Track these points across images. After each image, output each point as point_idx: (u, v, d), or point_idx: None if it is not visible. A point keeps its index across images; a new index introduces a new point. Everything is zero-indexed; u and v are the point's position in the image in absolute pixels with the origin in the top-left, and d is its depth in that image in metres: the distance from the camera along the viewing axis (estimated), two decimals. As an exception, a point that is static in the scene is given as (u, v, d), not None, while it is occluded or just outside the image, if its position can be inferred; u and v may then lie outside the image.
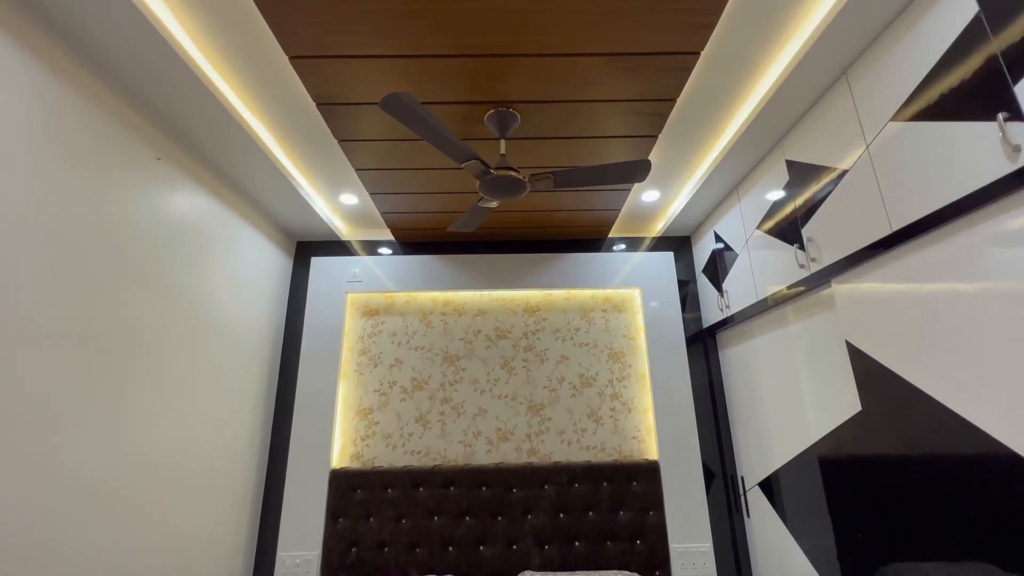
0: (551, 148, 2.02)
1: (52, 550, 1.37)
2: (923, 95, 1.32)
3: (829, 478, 1.85)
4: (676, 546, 2.35)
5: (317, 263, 2.79)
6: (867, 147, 1.52)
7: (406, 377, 2.67)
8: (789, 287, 1.95)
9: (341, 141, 1.96)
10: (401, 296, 2.82)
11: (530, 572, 2.23)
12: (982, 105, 1.16)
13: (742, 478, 2.50)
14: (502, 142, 1.79)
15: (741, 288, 2.35)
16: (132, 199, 1.67)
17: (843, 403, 1.72)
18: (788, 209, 1.95)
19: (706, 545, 2.37)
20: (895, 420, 1.50)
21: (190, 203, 1.98)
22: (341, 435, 2.58)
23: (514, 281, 2.78)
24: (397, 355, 2.71)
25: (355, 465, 2.53)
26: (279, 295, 2.74)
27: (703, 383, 2.73)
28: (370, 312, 2.79)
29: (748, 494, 2.44)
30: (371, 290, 2.75)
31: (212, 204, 2.12)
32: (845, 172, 1.62)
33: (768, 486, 2.27)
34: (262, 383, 2.53)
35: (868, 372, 1.59)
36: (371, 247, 2.97)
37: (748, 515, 2.45)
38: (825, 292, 1.82)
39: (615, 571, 2.20)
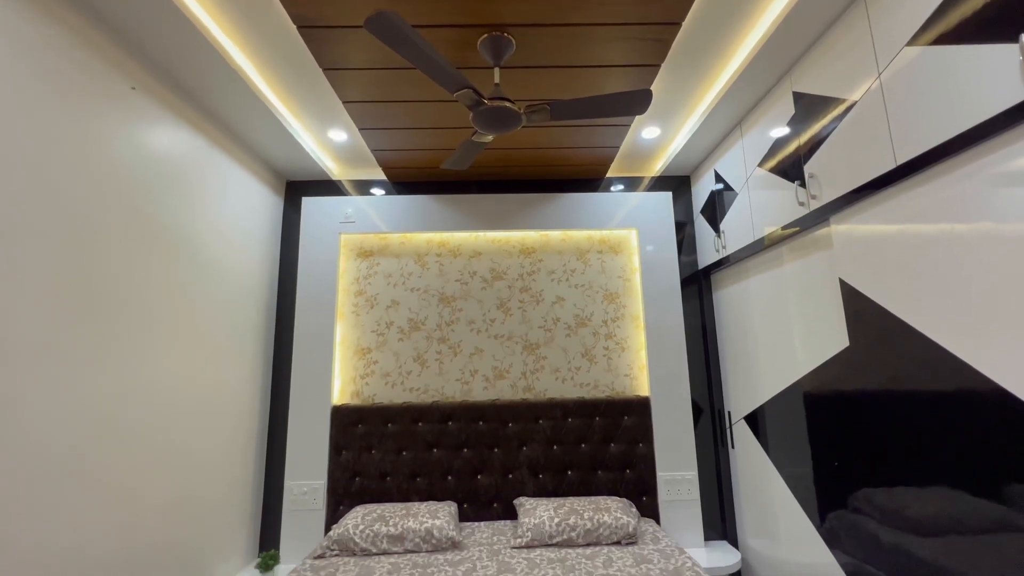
0: (548, 78, 1.92)
1: (68, 479, 1.43)
2: (944, 16, 1.24)
3: (811, 411, 1.92)
4: (663, 474, 2.49)
5: (309, 204, 2.73)
6: (879, 75, 1.45)
7: (403, 318, 2.70)
8: (787, 226, 1.93)
9: (326, 70, 1.86)
10: (395, 237, 2.79)
11: (525, 498, 2.37)
12: (1005, 25, 1.10)
13: (729, 412, 2.60)
14: (496, 71, 1.70)
15: (738, 228, 2.33)
16: (112, 134, 1.60)
17: (831, 340, 1.76)
18: (792, 146, 1.89)
19: (691, 473, 2.50)
20: (881, 355, 1.53)
21: (172, 138, 1.90)
22: (341, 374, 2.64)
23: (510, 222, 2.74)
24: (393, 296, 2.72)
25: (355, 402, 2.61)
26: (271, 235, 2.70)
27: (696, 323, 2.77)
28: (364, 253, 2.77)
29: (734, 427, 2.55)
30: (365, 231, 2.71)
31: (195, 140, 2.04)
32: (853, 104, 1.56)
33: (753, 419, 2.37)
34: (259, 323, 2.55)
35: (859, 310, 1.61)
36: (363, 187, 2.90)
37: (733, 446, 2.57)
38: (822, 231, 1.80)
39: (605, 496, 2.33)
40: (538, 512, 2.14)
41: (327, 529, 2.38)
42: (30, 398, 1.33)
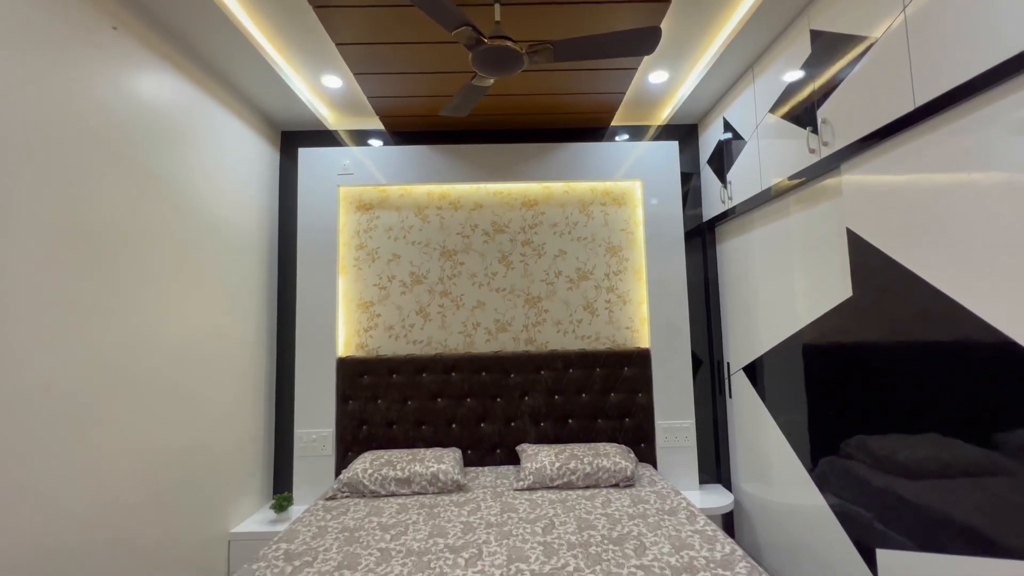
0: (551, 16, 1.81)
1: (80, 426, 1.48)
2: (979, -61, 1.15)
3: (810, 361, 1.94)
4: (661, 423, 2.56)
5: (305, 155, 2.67)
6: (904, 9, 1.36)
7: (405, 272, 2.69)
8: (795, 175, 1.88)
9: (316, 7, 1.75)
10: (395, 190, 2.74)
11: (527, 444, 2.45)
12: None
13: (728, 363, 2.64)
14: (497, 7, 1.60)
15: (745, 178, 2.27)
16: (96, 79, 1.54)
17: (834, 290, 1.75)
18: (805, 90, 1.81)
19: (689, 422, 2.57)
20: (884, 305, 1.53)
21: (159, 84, 1.82)
22: (345, 327, 2.67)
23: (511, 173, 2.68)
24: (394, 250, 2.70)
25: (360, 354, 2.65)
26: (268, 188, 2.66)
27: (698, 276, 2.76)
28: (364, 206, 2.73)
29: (732, 378, 2.60)
30: (363, 183, 2.66)
31: (183, 85, 1.96)
32: (874, 43, 1.48)
33: (752, 370, 2.40)
34: (261, 276, 2.55)
35: (865, 259, 1.59)
36: (361, 138, 2.81)
37: (730, 396, 2.62)
38: (831, 181, 1.76)
39: (604, 443, 2.41)
40: (539, 457, 2.22)
41: (337, 474, 2.48)
42: (34, 349, 1.34)
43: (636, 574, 1.38)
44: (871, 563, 1.61)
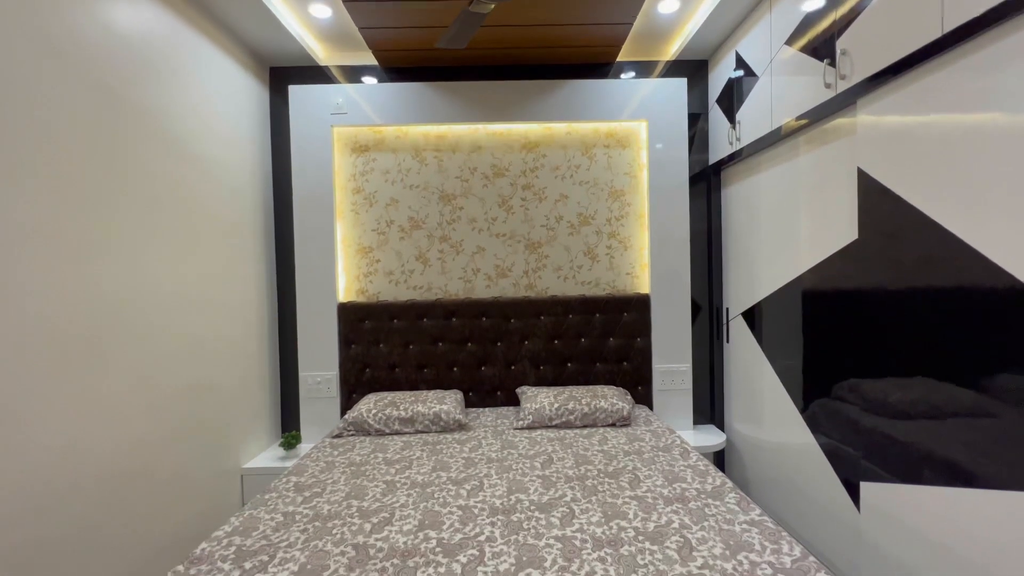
0: (555, -66, 1.66)
1: (83, 365, 1.50)
2: None
3: (809, 305, 1.95)
4: (658, 366, 2.61)
5: (296, 93, 2.55)
6: (941, -79, 1.24)
7: (403, 216, 2.65)
8: (808, 112, 1.80)
9: (299, -77, 1.61)
10: (391, 131, 2.64)
11: (527, 387, 2.50)
12: None
13: (727, 309, 2.66)
14: (496, -79, 1.47)
15: (756, 117, 2.18)
16: (70, 6, 1.43)
17: (838, 233, 1.73)
18: (826, 19, 1.69)
19: (686, 365, 2.62)
20: (889, 248, 1.51)
21: (135, 11, 1.71)
22: (345, 272, 2.66)
23: (512, 113, 2.57)
24: (392, 194, 2.64)
25: (361, 299, 2.66)
26: (259, 128, 2.56)
27: (701, 221, 2.72)
28: (359, 148, 2.64)
29: (731, 323, 2.62)
30: (358, 123, 2.56)
31: (161, 14, 1.84)
32: (905, -39, 1.36)
33: (751, 315, 2.42)
34: (258, 220, 2.51)
35: (874, 200, 1.55)
36: (353, 74, 2.68)
37: (728, 341, 2.66)
38: (844, 120, 1.68)
39: (602, 386, 2.46)
40: (539, 399, 2.28)
41: (342, 414, 2.56)
42: (33, 288, 1.34)
43: (630, 504, 1.44)
44: (855, 497, 1.69)
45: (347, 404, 2.57)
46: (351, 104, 2.55)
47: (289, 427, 2.68)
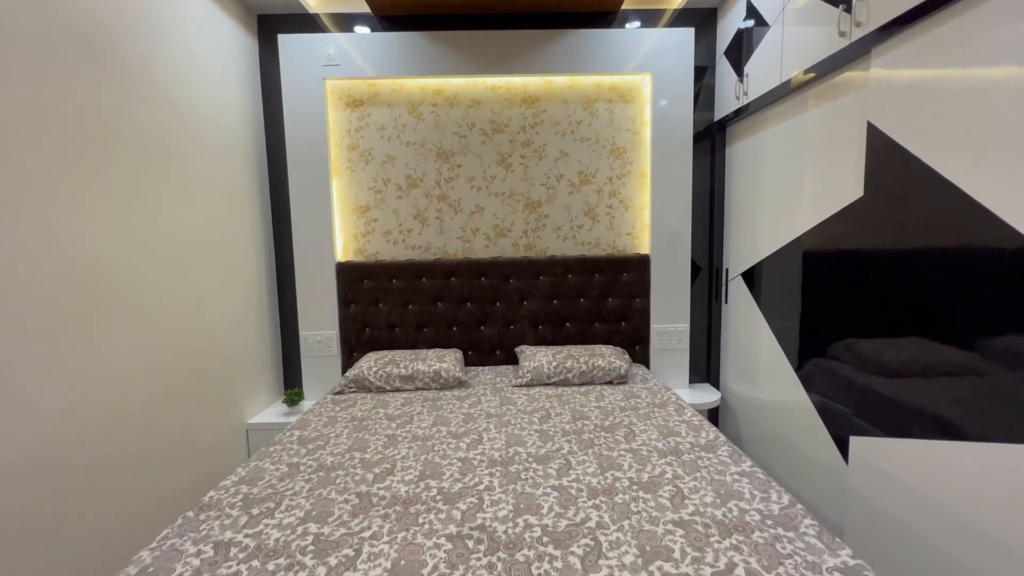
0: None
1: (83, 320, 1.50)
2: None
3: (809, 266, 1.94)
4: (656, 326, 2.62)
5: (286, 43, 2.44)
6: None
7: (400, 174, 2.59)
8: (821, 63, 1.73)
9: None
10: (386, 84, 2.55)
11: (525, 346, 2.53)
12: None
13: (726, 269, 2.65)
14: None
15: (765, 70, 2.10)
16: (33, -64, 1.35)
17: (843, 191, 1.69)
18: (844, -42, 1.60)
19: (684, 326, 2.63)
20: (893, 207, 1.48)
21: (111, -51, 1.61)
22: (342, 231, 2.63)
23: (511, 65, 2.47)
24: (388, 151, 2.58)
25: (359, 259, 2.64)
26: (250, 80, 2.47)
27: (704, 181, 2.67)
28: (354, 103, 2.56)
29: (730, 283, 2.62)
30: (351, 76, 2.47)
31: (140, -47, 1.73)
32: None
33: (750, 275, 2.41)
34: (251, 177, 2.46)
35: (883, 156, 1.51)
36: (346, 23, 2.56)
37: (726, 301, 2.67)
38: (856, 74, 1.62)
39: (600, 345, 2.49)
40: (537, 357, 2.31)
41: (343, 372, 2.59)
42: (23, 247, 1.32)
43: (625, 456, 1.48)
44: (844, 451, 1.74)
45: (348, 363, 2.60)
46: (343, 55, 2.45)
47: (291, 385, 2.72)
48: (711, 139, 2.65)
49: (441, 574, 0.98)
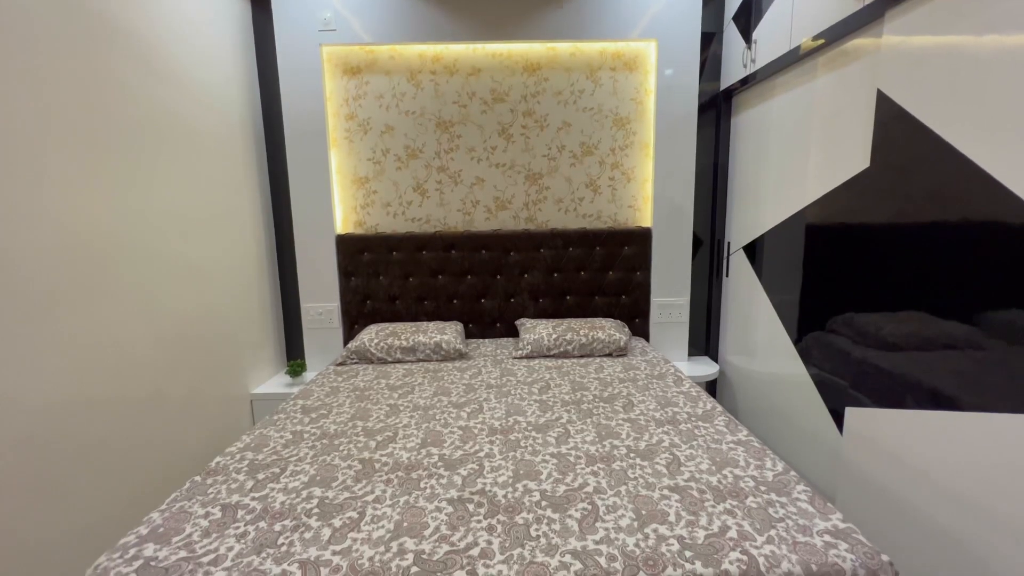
0: None
1: (85, 287, 1.51)
2: None
3: (811, 239, 1.93)
4: (656, 299, 2.63)
5: (280, 6, 2.36)
6: None
7: (399, 145, 2.55)
8: (832, 28, 1.67)
9: None
10: (384, 51, 2.48)
11: (526, 319, 2.54)
12: None
13: (728, 243, 2.64)
14: None
15: (773, 36, 2.04)
16: None
17: (849, 162, 1.67)
18: (861, -85, 1.53)
19: (684, 299, 2.64)
20: (900, 178, 1.46)
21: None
22: (341, 203, 2.61)
23: (512, 30, 2.40)
24: (387, 121, 2.53)
25: (359, 231, 2.63)
26: (243, 46, 2.40)
27: (708, 152, 2.63)
28: (351, 70, 2.50)
29: (731, 257, 2.61)
30: (348, 42, 2.40)
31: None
32: None
33: (752, 248, 2.40)
34: (248, 147, 2.43)
35: (892, 126, 1.48)
36: (341, -15, 2.47)
37: (727, 275, 2.66)
38: (866, 40, 1.57)
39: (600, 318, 2.50)
40: (538, 330, 2.32)
41: (345, 344, 2.61)
42: (24, 215, 1.32)
43: (623, 425, 1.51)
44: (839, 422, 1.76)
45: (349, 335, 2.62)
46: (340, 20, 2.38)
47: (294, 356, 2.75)
48: (716, 109, 2.60)
49: (442, 535, 1.01)
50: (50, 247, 1.38)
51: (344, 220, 2.62)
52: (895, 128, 1.47)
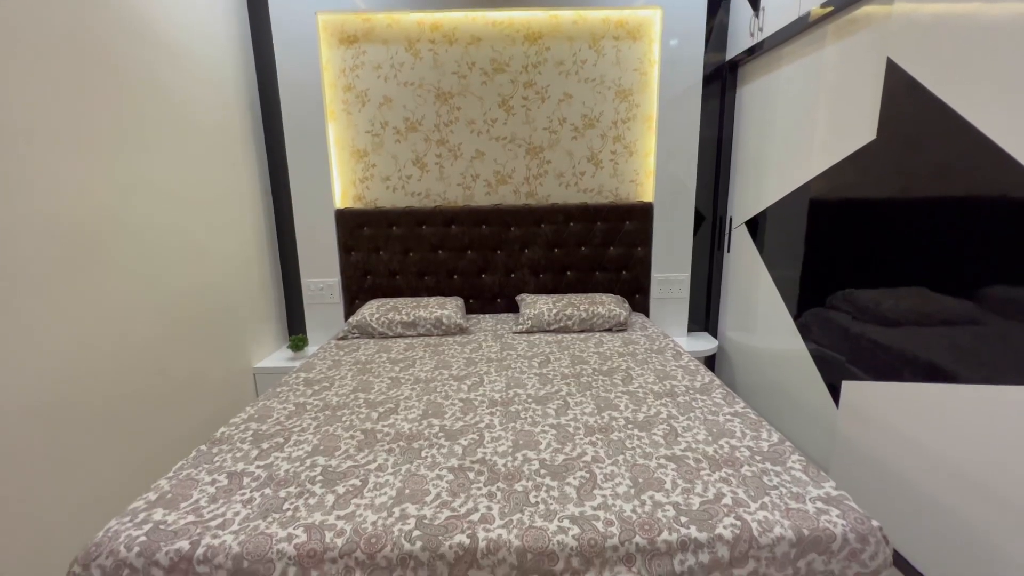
0: None
1: (83, 260, 1.50)
2: None
3: (814, 213, 1.91)
4: (657, 275, 2.62)
5: (273, -29, 2.29)
6: None
7: (398, 117, 2.51)
8: (843, -6, 1.62)
9: None
10: (381, 19, 2.41)
11: (526, 294, 2.55)
12: None
13: (730, 218, 2.62)
14: None
15: (782, 3, 1.97)
16: None
17: (855, 133, 1.64)
18: None
19: (684, 275, 2.63)
20: (906, 151, 1.44)
21: None
22: (340, 177, 2.58)
23: (513, -2, 2.33)
24: (385, 92, 2.48)
25: (358, 206, 2.61)
26: (236, 14, 2.33)
27: (712, 126, 2.58)
28: (348, 39, 2.43)
29: (733, 232, 2.59)
30: (344, 8, 2.33)
31: None
32: None
33: (754, 224, 2.38)
34: (244, 118, 2.39)
35: (901, 95, 1.45)
36: (336, -51, 2.38)
37: (728, 251, 2.65)
38: (877, 8, 1.52)
39: (601, 294, 2.50)
40: (538, 305, 2.33)
41: (346, 319, 2.63)
42: (25, 185, 1.30)
43: (622, 398, 1.53)
44: (835, 395, 1.78)
45: (350, 310, 2.63)
46: (335, -14, 2.31)
47: (295, 331, 2.76)
48: (722, 80, 2.54)
49: (443, 501, 1.04)
50: (42, 222, 1.37)
51: (343, 194, 2.60)
52: (904, 99, 1.44)
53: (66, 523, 1.41)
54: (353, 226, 2.54)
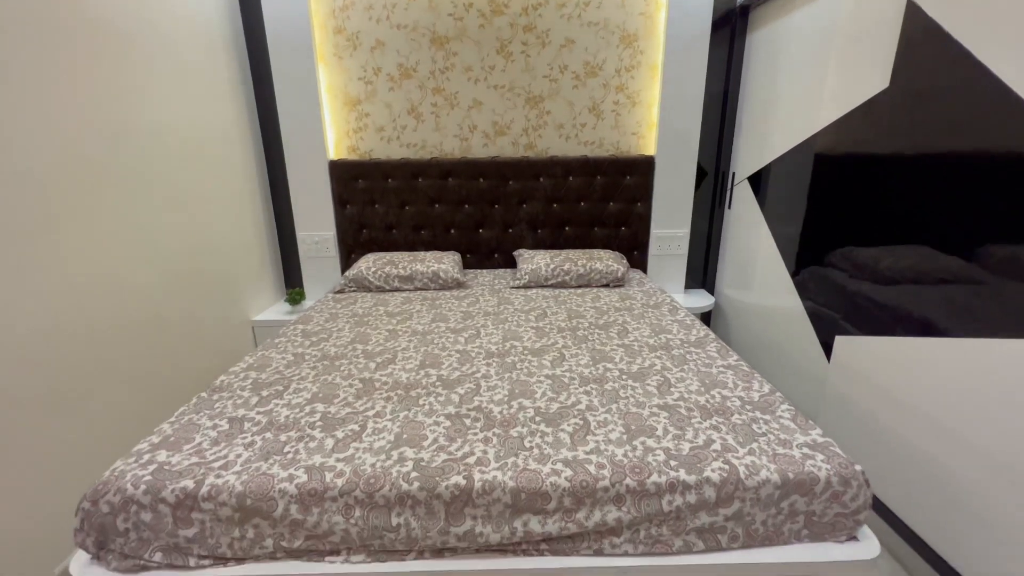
0: None
1: (73, 211, 1.47)
2: None
3: (819, 168, 1.87)
4: (656, 231, 2.60)
5: None
6: None
7: (391, 63, 2.40)
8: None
9: None
10: (372, -47, 2.26)
11: (524, 249, 2.53)
12: None
13: (733, 173, 2.56)
14: None
15: (801, -62, 1.85)
16: None
17: (867, 82, 1.58)
18: None
19: (684, 231, 2.61)
20: (918, 101, 1.39)
21: None
22: (333, 127, 2.50)
23: (513, -70, 2.17)
24: (378, 35, 2.36)
25: (353, 157, 2.54)
26: (218, -52, 2.18)
27: (719, 80, 2.48)
28: (337, -24, 2.29)
29: (735, 188, 2.55)
30: (332, -59, 2.18)
31: None
32: None
33: (757, 179, 2.34)
34: (231, 63, 2.28)
35: (919, 41, 1.38)
36: None
37: (730, 207, 2.61)
38: (910, -67, 1.42)
39: (599, 250, 2.49)
40: (536, 260, 2.31)
41: (342, 273, 2.62)
42: (10, 134, 1.25)
43: (617, 350, 1.54)
44: (828, 352, 1.80)
45: (346, 264, 2.61)
46: (322, -85, 2.14)
47: (292, 285, 2.76)
48: (731, 26, 2.42)
49: (440, 445, 1.06)
50: (33, 165, 1.33)
51: (337, 145, 2.53)
52: (923, 45, 1.37)
53: (69, 467, 1.45)
54: (347, 178, 2.48)
